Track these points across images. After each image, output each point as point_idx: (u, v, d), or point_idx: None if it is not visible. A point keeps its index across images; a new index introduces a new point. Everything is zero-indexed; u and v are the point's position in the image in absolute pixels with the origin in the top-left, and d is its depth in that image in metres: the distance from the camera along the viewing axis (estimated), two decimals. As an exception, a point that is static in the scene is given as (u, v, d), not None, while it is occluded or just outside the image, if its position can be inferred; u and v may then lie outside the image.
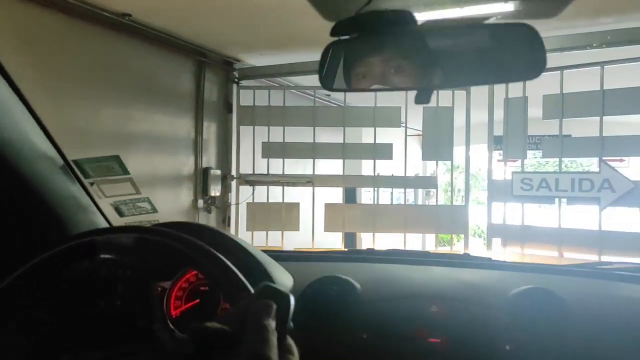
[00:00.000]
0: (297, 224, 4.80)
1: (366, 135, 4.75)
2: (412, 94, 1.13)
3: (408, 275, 1.43)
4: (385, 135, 4.79)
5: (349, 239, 6.42)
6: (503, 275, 1.44)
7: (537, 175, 4.12)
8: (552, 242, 3.98)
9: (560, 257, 3.96)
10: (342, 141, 4.73)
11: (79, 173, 1.30)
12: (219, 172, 4.82)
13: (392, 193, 6.63)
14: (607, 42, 3.71)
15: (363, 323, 1.20)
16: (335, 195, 4.89)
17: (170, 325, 1.09)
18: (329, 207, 4.77)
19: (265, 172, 4.87)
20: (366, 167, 4.89)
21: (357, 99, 5.22)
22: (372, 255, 1.67)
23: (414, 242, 6.94)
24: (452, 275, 1.41)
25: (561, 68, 3.84)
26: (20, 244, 1.11)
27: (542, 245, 4.10)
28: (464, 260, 1.58)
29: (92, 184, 2.77)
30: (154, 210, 3.63)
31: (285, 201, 4.82)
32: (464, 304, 1.23)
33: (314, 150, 4.74)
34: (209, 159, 4.81)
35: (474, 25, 1.04)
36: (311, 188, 4.81)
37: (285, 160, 4.82)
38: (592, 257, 3.79)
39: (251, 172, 4.90)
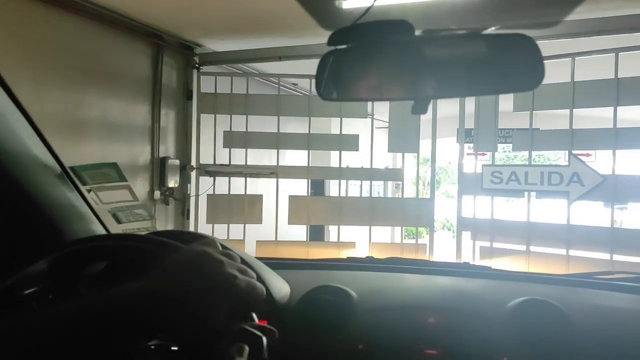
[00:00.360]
0: (259, 217, 4.65)
1: (336, 127, 4.65)
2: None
3: (406, 284, 1.42)
4: (355, 127, 4.68)
5: (316, 232, 6.32)
6: (502, 285, 1.42)
7: (507, 168, 4.09)
8: (521, 236, 3.96)
9: (528, 251, 3.94)
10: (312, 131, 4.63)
11: (76, 180, 1.31)
12: (177, 162, 4.60)
13: (361, 186, 6.55)
14: (577, 33, 3.63)
15: (360, 333, 1.18)
16: (303, 188, 4.75)
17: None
18: (293, 199, 4.64)
19: (227, 163, 4.67)
20: (336, 159, 4.76)
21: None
22: (371, 264, 1.64)
23: (383, 234, 6.88)
24: (450, 284, 1.40)
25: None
26: (16, 251, 1.11)
27: (511, 240, 4.07)
28: (464, 270, 1.56)
29: (89, 190, 2.82)
30: (151, 217, 3.76)
31: (248, 193, 4.65)
32: (462, 315, 1.21)
33: (278, 141, 4.60)
34: (167, 148, 4.58)
35: (472, 35, 1.01)
36: (279, 180, 4.67)
37: (251, 151, 4.66)
38: (560, 251, 3.79)
39: (212, 162, 4.69)
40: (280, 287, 1.23)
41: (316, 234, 6.35)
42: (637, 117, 4.61)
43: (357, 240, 4.69)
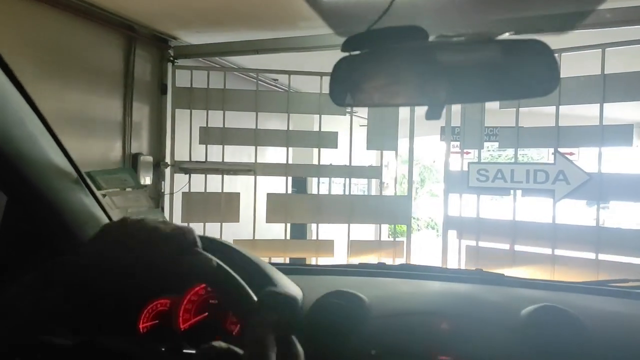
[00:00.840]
0: (237, 216, 4.52)
1: (320, 124, 4.56)
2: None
3: (418, 290, 1.42)
4: (340, 125, 4.57)
5: (297, 230, 6.23)
6: (515, 292, 1.41)
7: (493, 166, 4.05)
8: (507, 235, 3.92)
9: (512, 250, 3.90)
10: (294, 128, 4.57)
11: (91, 184, 1.31)
12: (150, 158, 4.43)
13: (344, 184, 6.50)
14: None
15: (372, 339, 1.18)
16: (284, 185, 4.66)
17: (179, 340, 1.08)
18: (271, 197, 4.52)
19: (203, 160, 4.52)
20: (323, 156, 4.69)
21: (306, 86, 4.92)
22: (382, 270, 1.64)
23: (367, 232, 6.78)
24: (463, 291, 1.39)
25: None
26: (31, 254, 1.14)
27: (497, 239, 4.04)
28: (476, 276, 1.55)
29: (104, 195, 2.91)
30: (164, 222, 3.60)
31: (226, 191, 4.51)
32: (475, 321, 1.21)
33: (255, 137, 4.47)
34: (140, 144, 4.40)
35: (486, 40, 1.00)
36: (259, 178, 4.56)
37: (231, 148, 4.54)
38: (545, 251, 3.75)
39: (187, 159, 4.53)
40: (293, 292, 1.24)
41: (299, 233, 6.26)
42: (619, 115, 4.57)
43: (341, 238, 4.60)
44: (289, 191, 4.88)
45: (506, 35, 0.95)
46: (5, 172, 1.07)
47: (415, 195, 22.83)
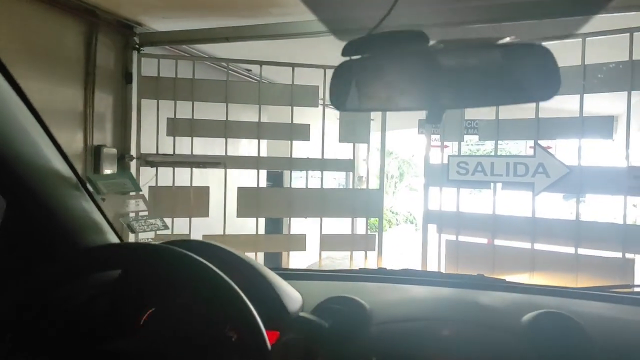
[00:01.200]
0: (206, 210, 4.36)
1: (300, 116, 4.47)
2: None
3: (419, 296, 1.41)
4: (318, 117, 4.45)
5: (272, 224, 6.13)
6: (516, 298, 1.41)
7: (473, 159, 4.02)
8: (487, 230, 3.89)
9: (492, 244, 3.86)
10: (270, 120, 4.54)
11: (91, 189, 1.35)
12: (114, 150, 4.21)
13: (321, 178, 6.42)
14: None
15: (373, 345, 1.18)
16: (261, 179, 4.54)
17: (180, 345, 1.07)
18: (242, 190, 4.40)
19: (171, 152, 4.33)
20: (303, 150, 4.69)
21: (280, 77, 4.79)
22: (383, 275, 1.62)
23: (346, 227, 6.71)
24: (465, 297, 1.39)
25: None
26: (30, 258, 1.14)
27: (477, 233, 4.02)
28: (478, 282, 1.55)
29: (103, 199, 2.91)
30: (165, 227, 3.74)
31: (198, 185, 4.37)
32: (477, 327, 1.20)
33: (226, 129, 4.33)
34: (103, 135, 4.18)
35: (487, 45, 0.99)
36: (234, 172, 4.46)
37: (203, 141, 4.42)
38: (525, 245, 3.73)
39: (154, 151, 4.34)
40: (293, 297, 1.23)
41: (272, 228, 6.16)
42: (595, 110, 4.51)
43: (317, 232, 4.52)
44: (264, 185, 4.77)
45: (507, 40, 0.94)
46: (4, 175, 1.07)
47: (393, 190, 22.88)
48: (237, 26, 4.13)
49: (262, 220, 4.59)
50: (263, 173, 4.57)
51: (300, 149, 4.60)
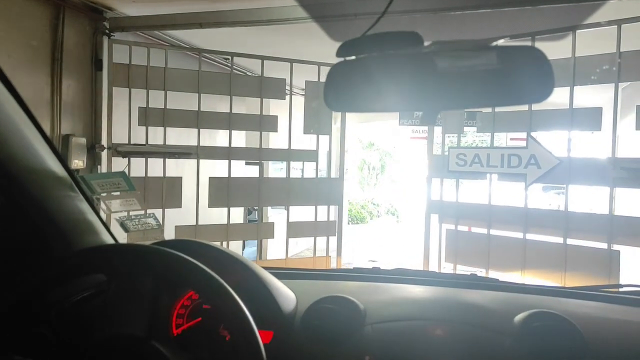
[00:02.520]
0: (179, 201, 4.29)
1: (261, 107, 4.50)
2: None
3: (413, 296, 1.42)
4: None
5: (251, 214, 6.17)
6: (509, 297, 1.42)
7: (470, 150, 4.12)
8: (483, 219, 3.99)
9: (488, 234, 3.97)
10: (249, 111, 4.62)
11: (85, 189, 1.31)
12: (83, 140, 4.06)
13: (302, 169, 6.48)
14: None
15: (366, 345, 1.18)
16: (241, 170, 4.74)
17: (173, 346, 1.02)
18: (213, 181, 4.38)
19: (143, 143, 4.20)
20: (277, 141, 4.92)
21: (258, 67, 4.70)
22: (377, 274, 1.63)
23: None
24: (458, 296, 1.39)
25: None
26: (25, 258, 1.16)
27: (475, 222, 4.15)
28: (471, 281, 1.55)
29: (98, 199, 2.94)
30: (159, 226, 3.70)
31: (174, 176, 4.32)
32: (470, 327, 1.21)
33: (198, 119, 4.27)
34: (72, 124, 4.02)
35: (481, 47, 1.00)
36: (217, 163, 4.52)
37: (178, 131, 4.35)
38: (517, 235, 3.84)
39: (126, 142, 4.20)
40: (287, 297, 1.25)
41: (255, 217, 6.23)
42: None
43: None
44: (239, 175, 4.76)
45: (502, 42, 0.85)
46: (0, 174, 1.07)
47: (375, 182, 22.92)
48: (211, 11, 4.01)
49: (239, 211, 4.64)
50: (234, 163, 4.56)
51: (282, 141, 4.66)
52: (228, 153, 4.40)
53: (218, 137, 5.10)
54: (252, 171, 4.90)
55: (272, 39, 4.97)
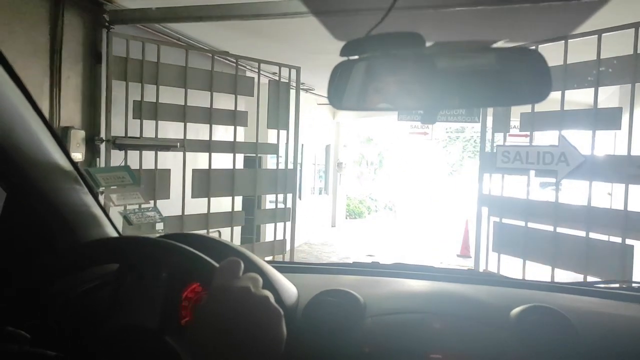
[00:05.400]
0: (168, 192, 4.38)
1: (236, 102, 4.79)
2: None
3: (412, 290, 1.45)
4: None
5: (249, 203, 6.37)
6: (505, 292, 1.46)
7: (513, 148, 4.33)
8: (521, 213, 4.22)
9: (526, 227, 4.18)
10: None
11: (90, 182, 1.32)
12: (82, 132, 4.07)
13: (256, 160, 6.86)
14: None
15: (366, 337, 1.21)
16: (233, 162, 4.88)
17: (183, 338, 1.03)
18: (195, 172, 4.61)
19: (138, 136, 4.26)
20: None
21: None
22: (376, 269, 1.67)
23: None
24: (456, 290, 1.42)
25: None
26: (30, 250, 1.17)
27: (516, 216, 4.34)
28: (469, 276, 1.59)
29: (101, 192, 3.00)
30: (162, 219, 3.91)
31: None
32: (467, 320, 1.24)
33: (185, 114, 4.45)
34: (71, 117, 4.03)
35: (482, 48, 1.04)
36: (215, 156, 4.75)
37: (177, 124, 4.45)
38: (548, 228, 4.05)
39: (123, 134, 4.21)
40: (288, 290, 1.26)
41: (249, 207, 6.38)
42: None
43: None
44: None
45: (501, 44, 0.87)
46: (5, 167, 1.08)
47: (373, 177, 22.94)
48: (211, 5, 4.00)
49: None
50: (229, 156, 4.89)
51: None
52: (209, 146, 4.66)
53: (217, 132, 5.20)
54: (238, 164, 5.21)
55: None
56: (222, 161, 5.00)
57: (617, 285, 1.58)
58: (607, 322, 1.26)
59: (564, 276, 3.94)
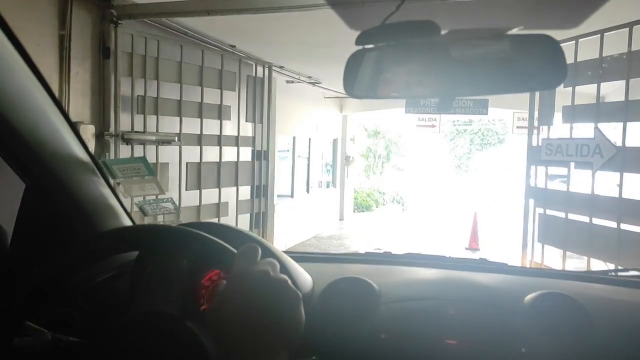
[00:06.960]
0: (166, 186, 4.45)
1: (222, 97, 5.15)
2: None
3: (425, 278, 1.46)
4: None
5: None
6: (517, 280, 1.47)
7: (555, 141, 4.51)
8: (562, 204, 4.40)
9: (566, 218, 4.34)
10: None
11: (106, 173, 1.35)
12: (92, 127, 4.08)
13: (237, 152, 7.16)
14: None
15: (381, 323, 1.23)
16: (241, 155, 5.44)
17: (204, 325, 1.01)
18: (189, 166, 4.88)
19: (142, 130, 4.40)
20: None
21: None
22: (389, 258, 1.68)
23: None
24: (468, 278, 1.43)
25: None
26: (50, 240, 1.20)
27: (557, 207, 4.51)
28: (481, 265, 1.60)
29: (118, 184, 3.03)
30: (177, 210, 4.01)
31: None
32: (481, 306, 1.26)
33: (180, 108, 4.71)
34: (80, 112, 4.04)
35: (497, 35, 1.04)
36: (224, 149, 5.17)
37: (170, 119, 4.69)
38: (584, 219, 4.21)
39: (129, 129, 4.26)
40: (304, 278, 1.28)
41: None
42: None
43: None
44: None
45: (515, 30, 0.98)
46: (26, 160, 1.11)
47: (380, 170, 22.91)
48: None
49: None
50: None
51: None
52: (200, 140, 4.93)
53: (227, 127, 5.45)
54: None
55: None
56: (226, 155, 5.36)
57: (632, 273, 1.58)
58: (621, 310, 1.26)
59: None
